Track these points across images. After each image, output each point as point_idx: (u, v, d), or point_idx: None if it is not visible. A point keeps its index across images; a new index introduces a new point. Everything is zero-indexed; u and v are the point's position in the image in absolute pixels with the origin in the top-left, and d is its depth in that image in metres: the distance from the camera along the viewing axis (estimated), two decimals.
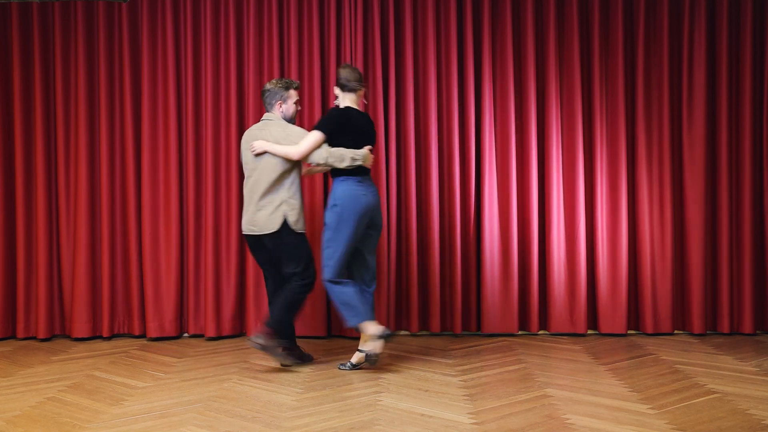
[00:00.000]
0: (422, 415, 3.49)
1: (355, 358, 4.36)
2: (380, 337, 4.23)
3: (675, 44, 5.33)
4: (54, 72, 5.33)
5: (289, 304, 4.33)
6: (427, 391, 3.90)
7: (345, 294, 4.25)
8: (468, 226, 5.32)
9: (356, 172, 4.31)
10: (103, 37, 5.28)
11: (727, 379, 4.09)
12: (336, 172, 4.34)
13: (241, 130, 5.31)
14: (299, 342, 4.74)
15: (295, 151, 4.24)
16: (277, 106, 4.43)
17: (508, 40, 5.29)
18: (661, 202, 5.27)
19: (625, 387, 3.94)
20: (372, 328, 4.24)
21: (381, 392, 3.87)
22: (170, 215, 5.29)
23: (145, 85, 5.27)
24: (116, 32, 5.33)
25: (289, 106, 4.44)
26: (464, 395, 3.81)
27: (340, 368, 4.37)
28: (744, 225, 5.26)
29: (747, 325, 5.24)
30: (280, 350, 4.35)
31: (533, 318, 5.31)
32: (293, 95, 4.45)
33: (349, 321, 4.26)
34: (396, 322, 5.36)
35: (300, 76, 5.27)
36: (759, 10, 5.29)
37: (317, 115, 5.22)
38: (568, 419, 3.40)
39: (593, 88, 5.29)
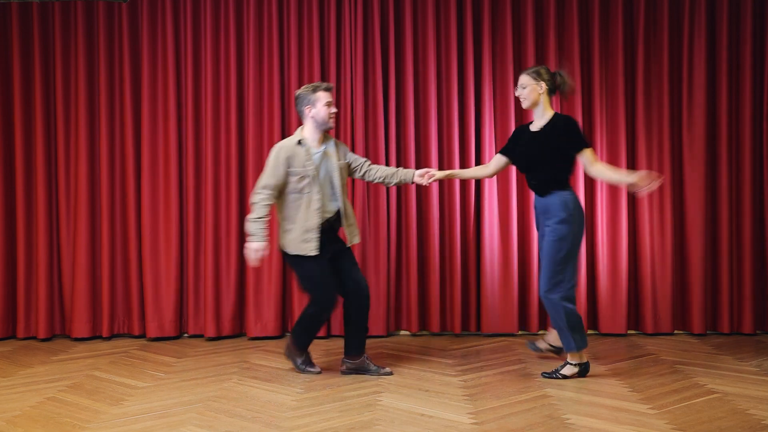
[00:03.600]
0: (422, 415, 3.49)
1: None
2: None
3: (675, 44, 5.33)
4: (54, 72, 5.32)
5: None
6: (427, 391, 3.90)
7: (576, 316, 4.07)
8: (468, 226, 5.32)
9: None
10: (103, 37, 5.28)
11: (727, 379, 4.09)
12: (559, 183, 4.09)
13: (242, 129, 5.31)
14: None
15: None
16: (306, 112, 4.17)
17: (508, 40, 5.29)
18: (661, 201, 5.27)
19: (625, 387, 3.94)
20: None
21: (381, 392, 3.87)
22: (170, 215, 5.28)
23: (145, 85, 5.27)
24: (116, 32, 5.33)
25: (319, 110, 4.14)
26: (464, 395, 3.81)
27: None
28: (744, 225, 5.26)
29: (747, 325, 5.24)
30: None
31: (533, 318, 5.30)
32: (322, 97, 4.16)
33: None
34: (395, 322, 5.36)
35: (300, 76, 5.27)
36: (759, 10, 5.28)
37: None
38: (568, 419, 3.40)
39: (593, 88, 5.29)
